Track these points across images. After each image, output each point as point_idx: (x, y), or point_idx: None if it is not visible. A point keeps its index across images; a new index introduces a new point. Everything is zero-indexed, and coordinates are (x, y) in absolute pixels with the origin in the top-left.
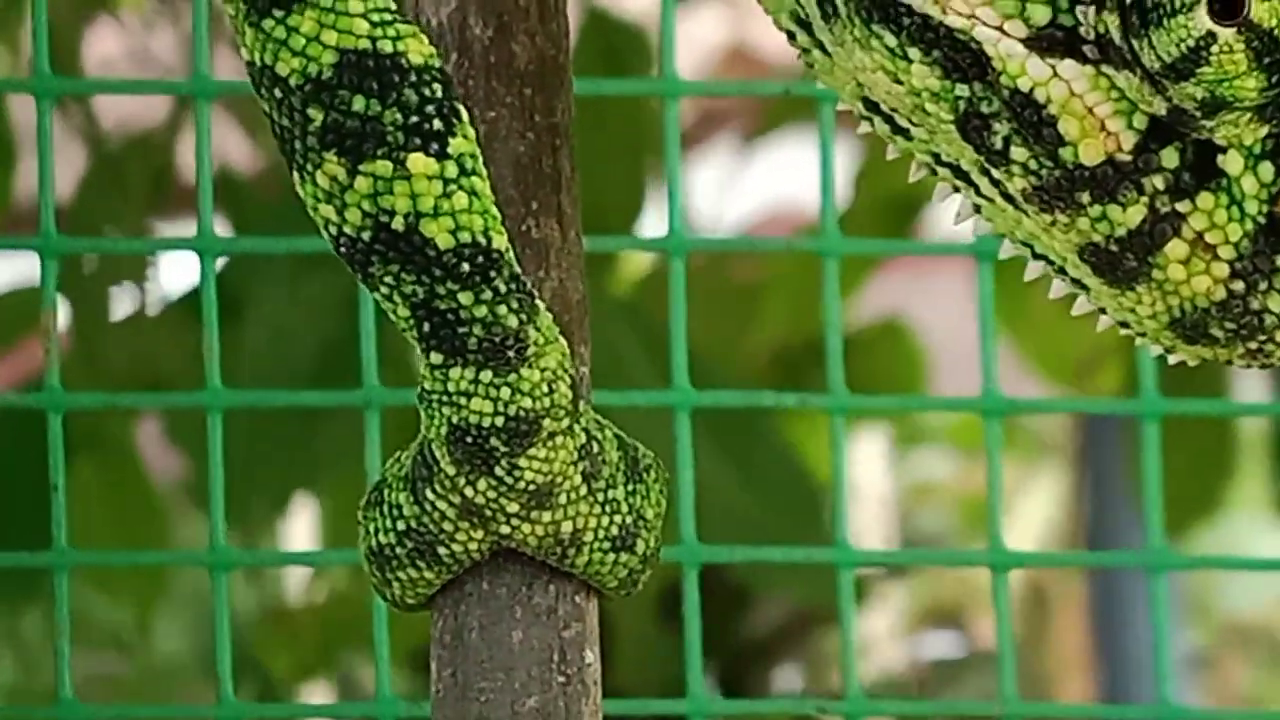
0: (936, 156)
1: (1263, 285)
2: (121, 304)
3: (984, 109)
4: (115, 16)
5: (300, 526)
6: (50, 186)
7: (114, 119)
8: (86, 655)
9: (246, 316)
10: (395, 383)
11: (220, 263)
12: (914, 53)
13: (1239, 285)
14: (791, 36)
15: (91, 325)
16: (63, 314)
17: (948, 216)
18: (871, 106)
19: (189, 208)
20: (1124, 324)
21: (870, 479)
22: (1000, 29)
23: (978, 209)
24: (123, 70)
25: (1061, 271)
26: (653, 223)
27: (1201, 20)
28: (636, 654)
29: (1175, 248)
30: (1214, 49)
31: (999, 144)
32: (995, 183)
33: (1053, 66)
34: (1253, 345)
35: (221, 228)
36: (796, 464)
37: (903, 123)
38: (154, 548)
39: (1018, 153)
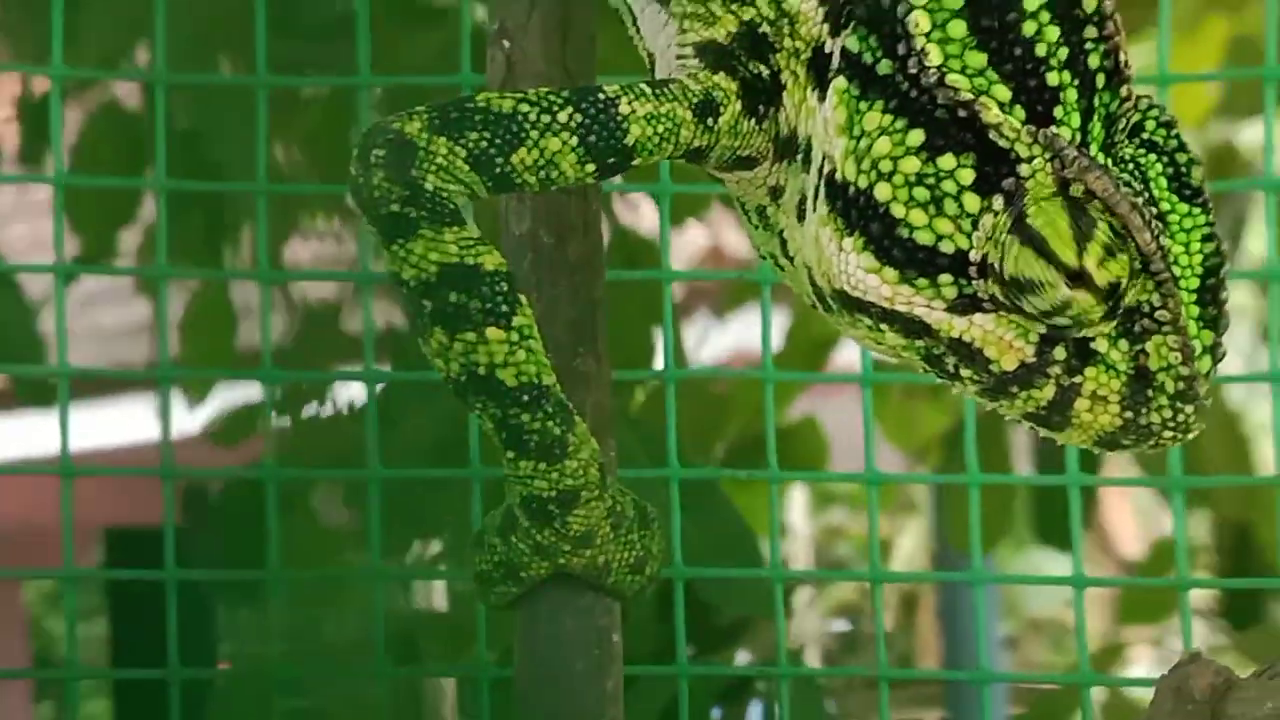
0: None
1: (1144, 410)
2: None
3: (935, 351)
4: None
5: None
6: (269, 341)
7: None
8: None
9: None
10: (492, 463)
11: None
12: (884, 326)
13: (1129, 414)
14: (813, 306)
15: (299, 428)
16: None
17: (850, 351)
18: None
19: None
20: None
21: (798, 525)
22: (929, 306)
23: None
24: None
25: (1031, 426)
26: (657, 362)
27: (1062, 292)
28: (642, 638)
29: (1080, 404)
30: (1073, 303)
31: (953, 369)
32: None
33: (969, 319)
34: (1151, 442)
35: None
36: (740, 519)
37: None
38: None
39: (965, 372)
